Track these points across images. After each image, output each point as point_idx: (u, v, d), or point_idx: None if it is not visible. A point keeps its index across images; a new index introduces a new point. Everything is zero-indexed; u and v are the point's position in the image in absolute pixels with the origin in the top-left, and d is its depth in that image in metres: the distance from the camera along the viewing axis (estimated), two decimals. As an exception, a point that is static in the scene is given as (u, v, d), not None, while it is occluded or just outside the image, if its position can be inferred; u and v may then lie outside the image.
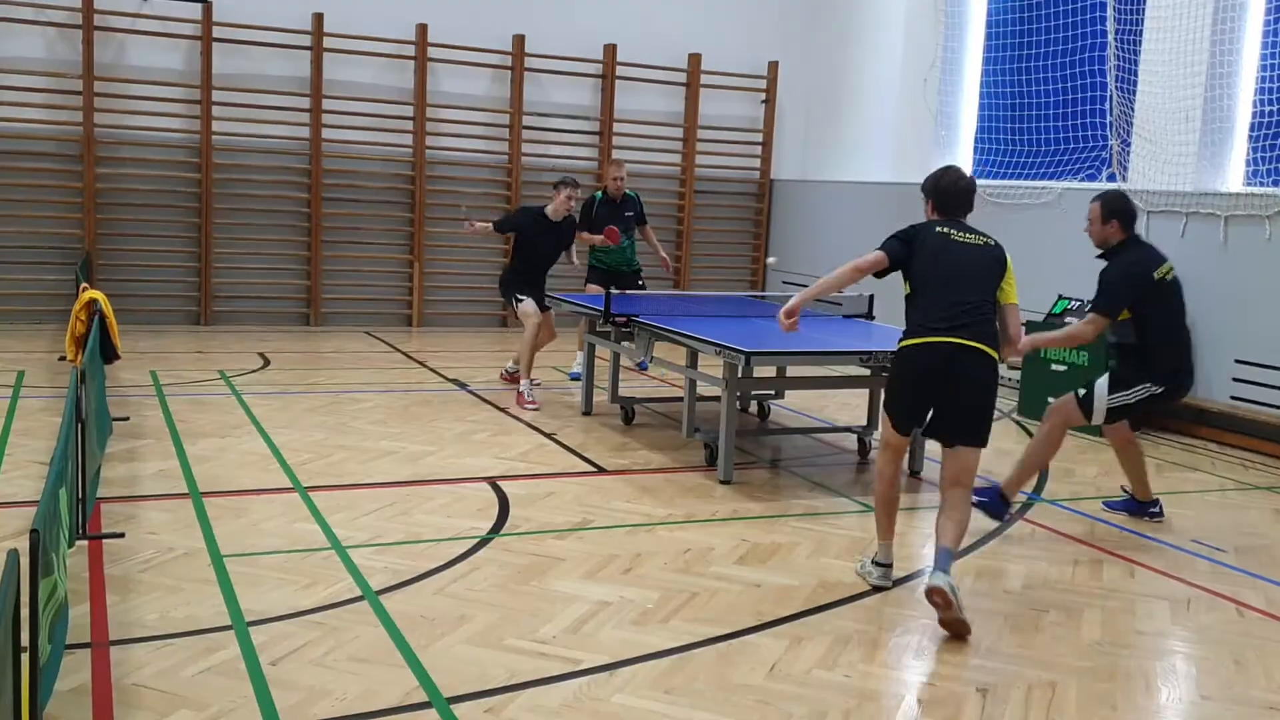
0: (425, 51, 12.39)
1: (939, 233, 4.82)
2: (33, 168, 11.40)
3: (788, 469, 7.16)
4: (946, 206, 4.92)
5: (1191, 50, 9.01)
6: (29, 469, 6.09)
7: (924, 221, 4.97)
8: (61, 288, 11.16)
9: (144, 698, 3.53)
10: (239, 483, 6.06)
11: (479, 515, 5.68)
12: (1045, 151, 10.92)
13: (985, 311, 4.70)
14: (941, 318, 4.65)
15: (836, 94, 13.57)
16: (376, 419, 7.81)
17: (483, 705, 3.59)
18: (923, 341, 4.67)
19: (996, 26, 11.72)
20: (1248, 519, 6.43)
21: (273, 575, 4.66)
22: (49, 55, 11.27)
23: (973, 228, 4.90)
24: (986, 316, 4.71)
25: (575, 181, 8.92)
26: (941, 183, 4.96)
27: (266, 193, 12.18)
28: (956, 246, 4.78)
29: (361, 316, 12.64)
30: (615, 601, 4.56)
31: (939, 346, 4.63)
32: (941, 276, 4.72)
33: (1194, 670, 4.24)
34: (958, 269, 4.72)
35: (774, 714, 3.65)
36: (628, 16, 13.24)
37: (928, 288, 4.75)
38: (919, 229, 4.88)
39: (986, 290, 4.75)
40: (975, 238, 4.84)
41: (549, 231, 8.89)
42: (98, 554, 4.79)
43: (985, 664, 4.14)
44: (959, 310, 4.64)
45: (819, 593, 4.80)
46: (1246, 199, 8.52)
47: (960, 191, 4.92)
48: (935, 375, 4.65)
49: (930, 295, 4.72)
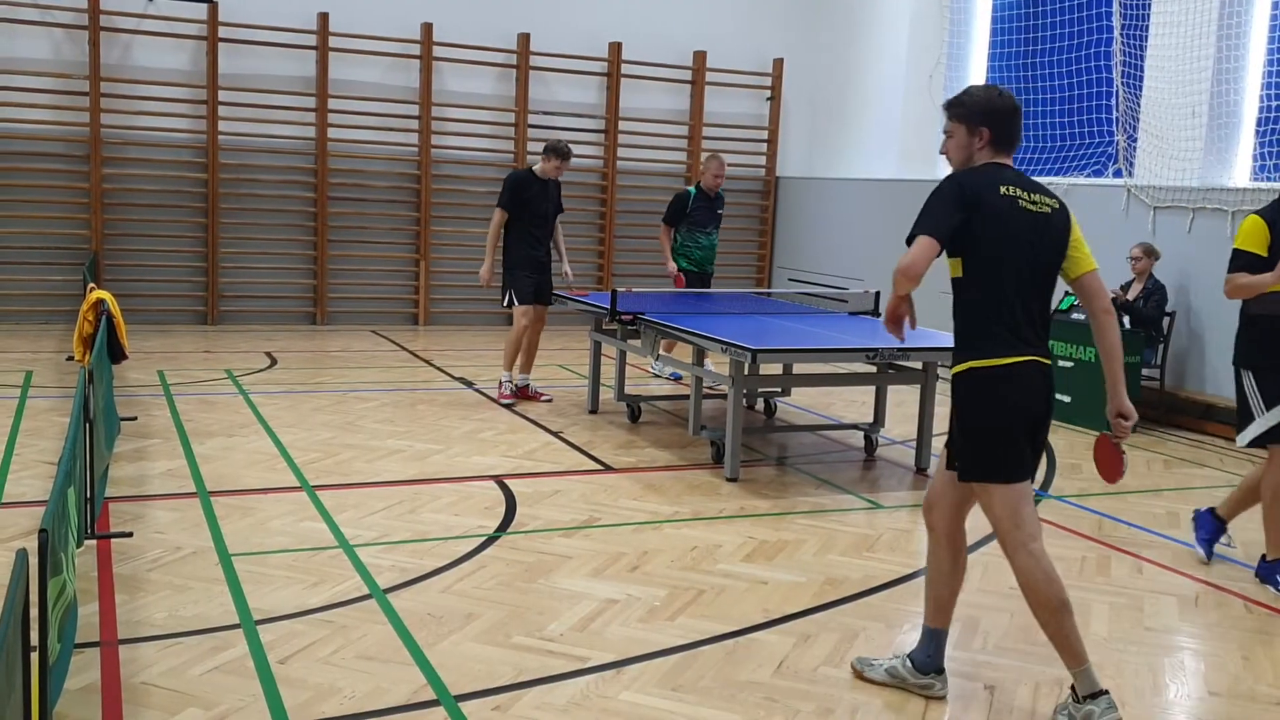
0: (430, 50, 12.40)
1: (1005, 195, 3.52)
2: (40, 168, 11.43)
3: (794, 466, 7.16)
4: (1011, 136, 3.62)
5: (1198, 45, 8.99)
6: (37, 469, 6.10)
7: (971, 172, 3.61)
8: (69, 288, 11.19)
9: (153, 696, 3.54)
10: (246, 482, 6.07)
11: (486, 514, 5.68)
12: (1051, 147, 10.89)
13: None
14: (1031, 323, 3.57)
15: (842, 91, 13.55)
16: (383, 418, 7.82)
17: (490, 703, 3.60)
18: (1028, 360, 3.55)
19: (1002, 22, 11.70)
20: (1256, 515, 6.40)
21: (280, 574, 4.67)
22: (55, 56, 11.29)
23: (1038, 184, 3.66)
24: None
25: (568, 151, 8.48)
26: (999, 103, 3.60)
27: (272, 192, 12.20)
28: (1029, 217, 3.54)
29: (368, 315, 12.66)
30: (622, 599, 4.56)
31: (1044, 370, 3.60)
32: (1022, 261, 3.54)
33: (1202, 666, 4.24)
34: (1035, 251, 3.56)
35: (781, 711, 3.65)
36: (632, 14, 13.23)
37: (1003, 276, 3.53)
38: (973, 182, 3.55)
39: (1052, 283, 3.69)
40: (1045, 202, 3.60)
41: (541, 190, 8.50)
42: (106, 553, 4.81)
43: (993, 661, 4.14)
44: (1044, 314, 3.63)
45: (826, 590, 4.80)
46: (1253, 194, 8.50)
47: (1020, 116, 3.66)
48: (1044, 410, 3.63)
49: (1010, 287, 3.54)
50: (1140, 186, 9.40)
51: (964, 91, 3.70)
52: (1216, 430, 8.51)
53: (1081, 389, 8.56)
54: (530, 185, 8.48)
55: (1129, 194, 9.50)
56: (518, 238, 8.48)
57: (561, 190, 8.79)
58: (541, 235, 8.59)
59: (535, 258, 8.52)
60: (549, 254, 8.69)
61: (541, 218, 8.56)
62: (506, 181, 8.57)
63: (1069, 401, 8.65)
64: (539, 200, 8.50)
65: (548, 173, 8.49)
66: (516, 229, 8.49)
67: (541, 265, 8.58)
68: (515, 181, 8.53)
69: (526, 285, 8.48)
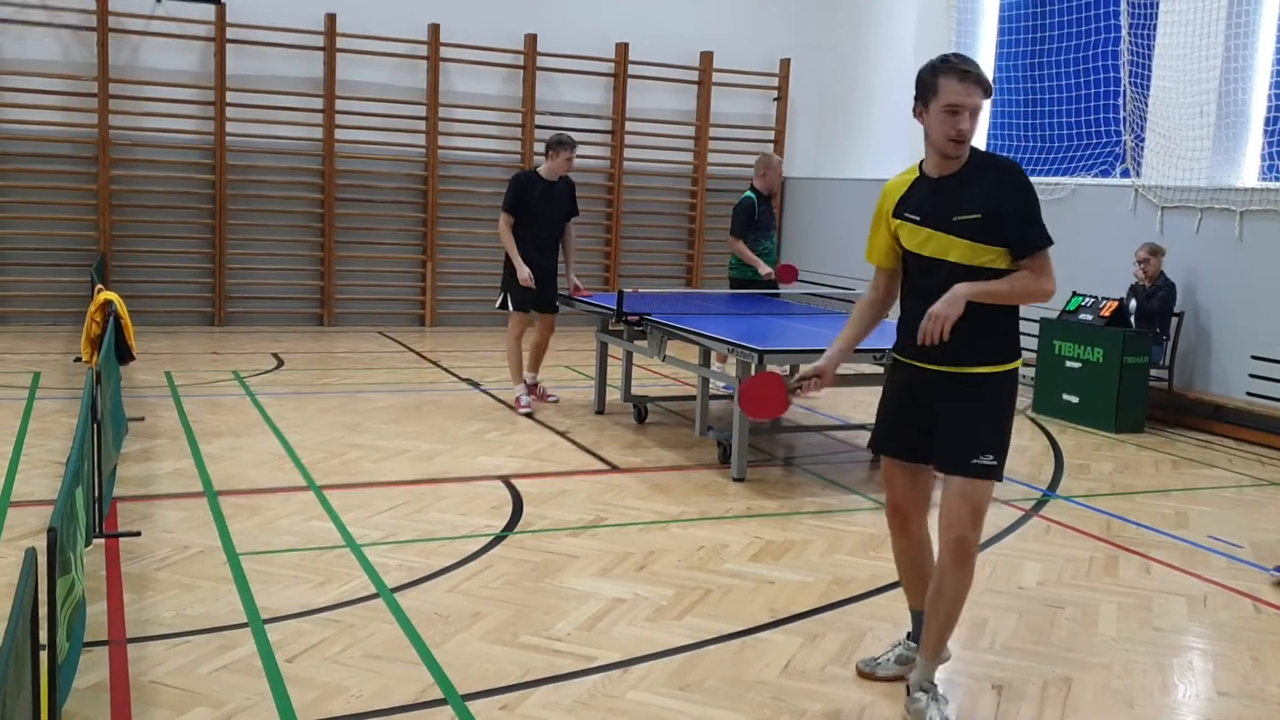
0: (437, 51, 12.41)
1: None
2: (48, 170, 11.46)
3: (801, 466, 7.15)
4: None
5: (1206, 44, 8.97)
6: (46, 469, 6.12)
7: None
8: (77, 289, 11.22)
9: (161, 695, 3.55)
10: (254, 481, 6.08)
11: (492, 513, 5.69)
12: (1058, 147, 10.88)
13: None
14: None
15: (849, 91, 13.55)
16: (390, 418, 7.83)
17: (497, 702, 3.60)
18: None
19: (1009, 21, 11.68)
20: (1264, 515, 6.40)
21: (288, 573, 4.67)
22: (64, 58, 11.33)
23: None
24: None
25: (570, 141, 8.20)
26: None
27: (280, 193, 12.23)
28: None
29: (374, 316, 12.67)
30: (629, 599, 4.56)
31: None
32: None
33: (1211, 667, 4.22)
34: None
35: (788, 711, 3.64)
36: (639, 15, 13.24)
37: None
38: None
39: None
40: None
41: (546, 192, 8.16)
42: (114, 552, 4.82)
43: (1000, 660, 4.13)
44: None
45: (833, 589, 4.79)
46: (1262, 194, 8.47)
47: None
48: None
49: None
50: (1148, 186, 9.37)
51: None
52: (1224, 430, 8.49)
53: (1089, 390, 8.54)
54: (534, 187, 8.17)
55: (1136, 194, 9.47)
56: (521, 242, 8.14)
57: (575, 192, 8.44)
58: (547, 240, 8.26)
59: (537, 264, 8.17)
60: (556, 259, 8.40)
61: (547, 221, 8.24)
62: (510, 183, 8.33)
63: (1076, 402, 8.64)
64: (543, 203, 8.18)
65: (555, 171, 8.19)
66: (520, 233, 8.17)
67: (545, 272, 8.25)
68: (517, 183, 8.24)
69: (524, 292, 8.15)
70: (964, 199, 3.49)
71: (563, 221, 8.37)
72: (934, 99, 3.44)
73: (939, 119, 3.45)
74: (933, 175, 3.58)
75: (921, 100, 3.50)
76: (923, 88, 3.49)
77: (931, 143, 3.52)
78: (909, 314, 3.65)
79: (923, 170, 3.64)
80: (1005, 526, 5.82)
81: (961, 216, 3.48)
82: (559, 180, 8.25)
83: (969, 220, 3.48)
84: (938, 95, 3.42)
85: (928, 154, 3.59)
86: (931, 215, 3.55)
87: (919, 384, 3.66)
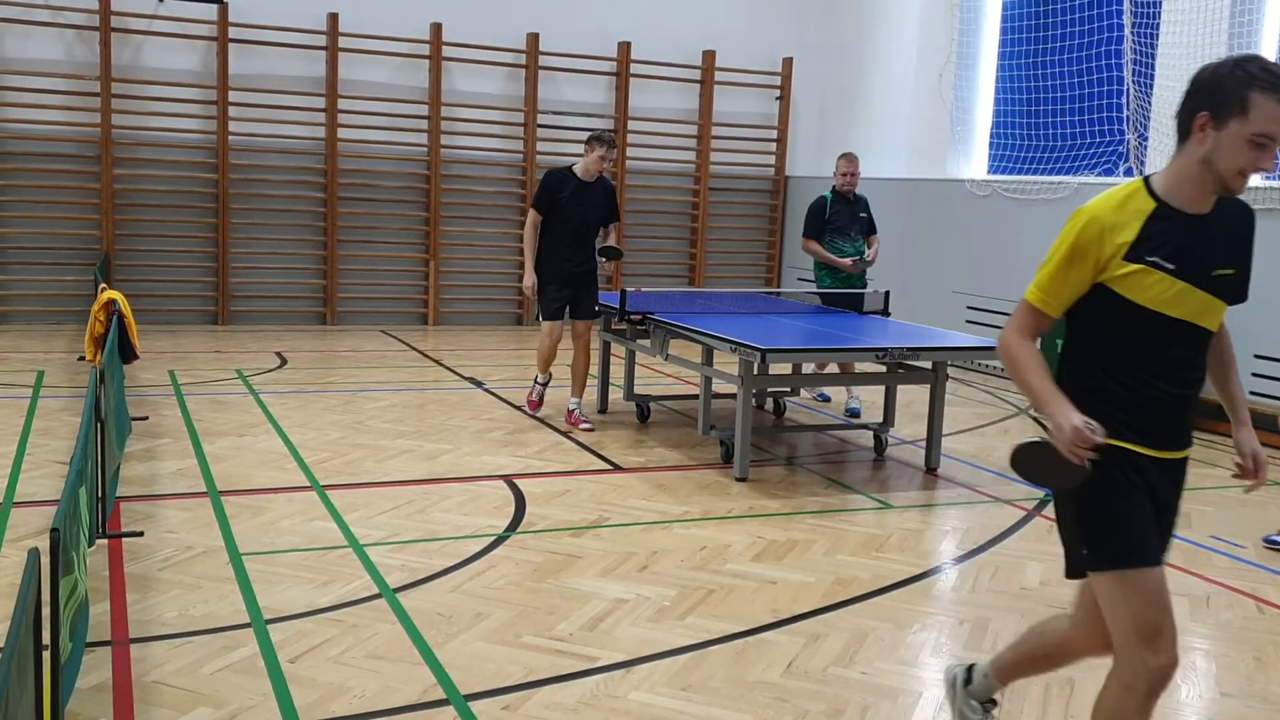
0: (440, 51, 12.42)
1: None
2: (51, 169, 11.47)
3: (804, 466, 7.15)
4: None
5: (1209, 42, 8.96)
6: (49, 468, 6.13)
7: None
8: (80, 288, 11.24)
9: (164, 695, 3.55)
10: (257, 481, 6.09)
11: (495, 513, 5.69)
12: (1061, 146, 10.87)
13: None
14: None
15: (851, 90, 13.54)
16: (393, 418, 7.83)
17: (500, 702, 3.60)
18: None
19: (1012, 20, 11.67)
20: (1268, 515, 6.39)
21: (291, 573, 4.68)
22: (67, 57, 11.34)
23: None
24: None
25: (612, 140, 7.74)
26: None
27: (283, 193, 12.24)
28: None
29: (377, 315, 12.68)
30: (632, 599, 4.56)
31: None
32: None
33: (1214, 667, 4.22)
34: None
35: (791, 711, 3.64)
36: (641, 14, 13.24)
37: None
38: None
39: None
40: None
41: (579, 192, 7.66)
42: (117, 552, 4.82)
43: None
44: None
45: (836, 589, 4.79)
46: (1265, 193, 8.46)
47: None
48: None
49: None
50: (1151, 185, 9.35)
51: None
52: (1227, 430, 8.42)
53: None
54: (565, 185, 7.64)
55: (1140, 193, 9.44)
56: (549, 245, 7.70)
57: (615, 196, 8.01)
58: (576, 244, 7.73)
59: (566, 269, 7.71)
60: (590, 264, 7.85)
61: (579, 224, 7.71)
62: (541, 179, 7.87)
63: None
64: (574, 203, 7.64)
65: (590, 169, 7.66)
66: (549, 235, 7.70)
67: (573, 278, 7.73)
68: (547, 180, 7.75)
69: (552, 300, 7.73)
70: (1217, 245, 2.75)
71: (597, 225, 7.89)
72: (1238, 119, 2.56)
73: (1237, 146, 2.59)
74: (1187, 210, 2.71)
75: (1213, 113, 2.60)
76: (1222, 99, 2.59)
77: (1211, 169, 2.64)
78: (1138, 391, 2.95)
79: (1161, 198, 2.73)
80: (1008, 526, 5.81)
81: (1221, 270, 2.76)
82: (595, 180, 7.75)
83: (1226, 277, 2.79)
84: (1246, 117, 2.55)
85: (1180, 178, 2.71)
86: (1190, 265, 2.71)
87: (1164, 476, 3.06)
